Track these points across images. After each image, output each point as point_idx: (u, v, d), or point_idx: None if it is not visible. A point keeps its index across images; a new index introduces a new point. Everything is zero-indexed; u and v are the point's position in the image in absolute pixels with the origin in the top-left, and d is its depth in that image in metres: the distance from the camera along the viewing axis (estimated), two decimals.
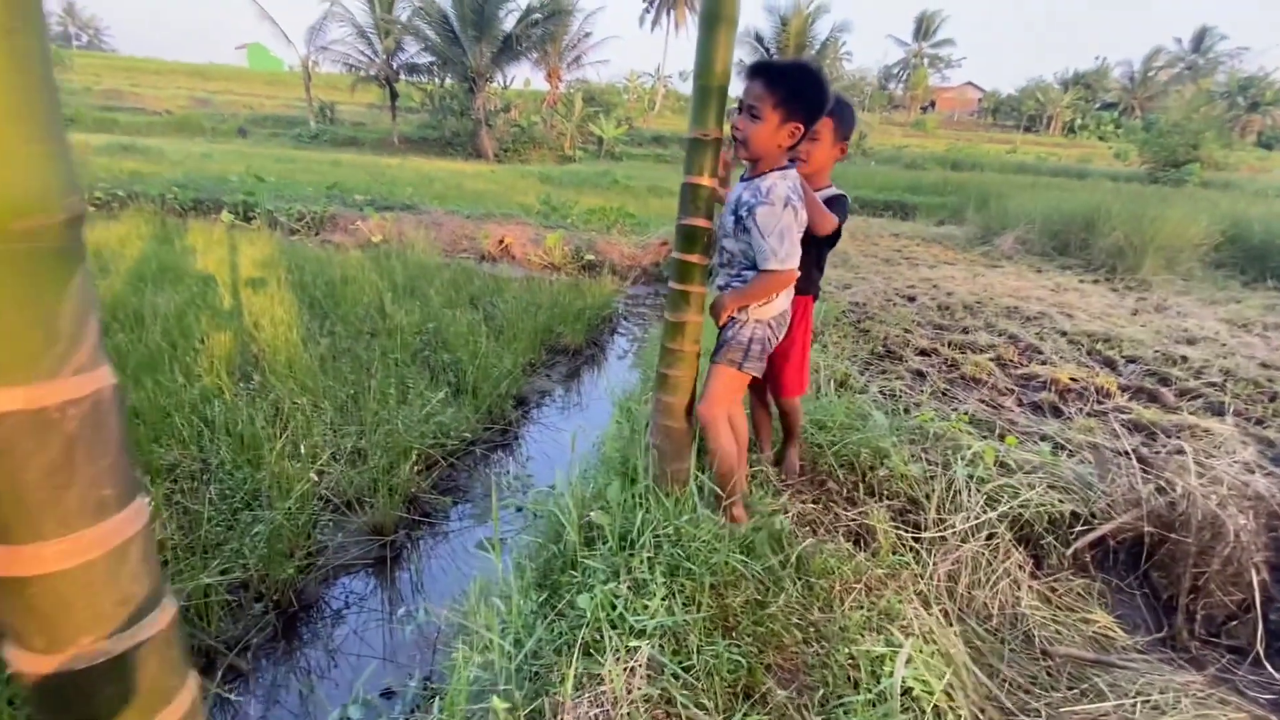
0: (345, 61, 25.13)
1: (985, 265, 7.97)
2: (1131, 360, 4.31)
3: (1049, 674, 1.71)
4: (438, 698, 1.33)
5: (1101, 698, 1.58)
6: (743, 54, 25.80)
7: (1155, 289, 6.95)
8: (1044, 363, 4.10)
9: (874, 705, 1.33)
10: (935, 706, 1.43)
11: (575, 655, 1.28)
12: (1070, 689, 1.63)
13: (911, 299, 5.73)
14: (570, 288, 5.88)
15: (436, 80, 26.00)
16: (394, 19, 24.32)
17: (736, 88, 1.83)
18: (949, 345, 4.35)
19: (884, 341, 4.33)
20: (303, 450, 2.71)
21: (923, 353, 4.21)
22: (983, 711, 1.53)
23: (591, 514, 1.81)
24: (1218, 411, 3.45)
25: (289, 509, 2.38)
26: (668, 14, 45.50)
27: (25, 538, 0.40)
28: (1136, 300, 6.35)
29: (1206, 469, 2.24)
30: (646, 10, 46.25)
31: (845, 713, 1.31)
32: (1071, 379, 3.79)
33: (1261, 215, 9.60)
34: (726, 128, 1.80)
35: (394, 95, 26.35)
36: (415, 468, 2.91)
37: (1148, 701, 1.55)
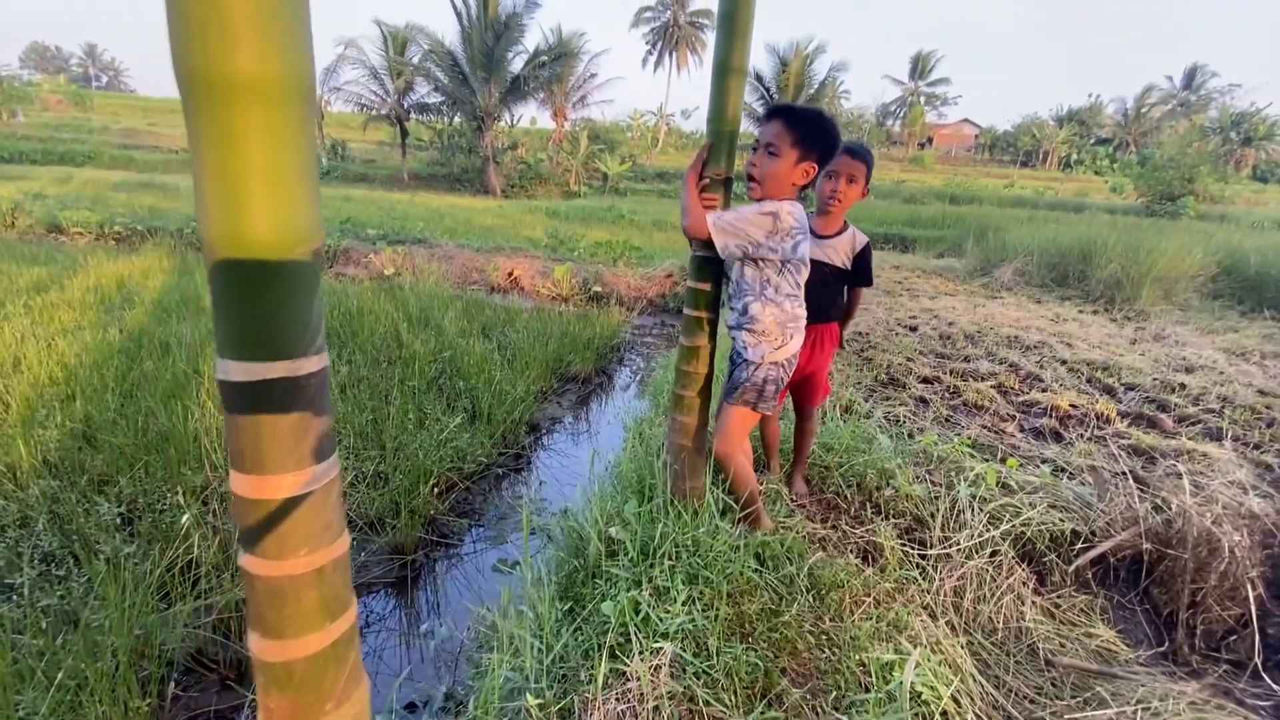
0: (358, 101, 25.89)
1: (985, 296, 8.10)
2: (1131, 388, 4.39)
3: (1053, 684, 1.77)
4: (471, 698, 1.40)
5: (1104, 705, 1.64)
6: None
7: (1153, 319, 7.06)
8: (1044, 390, 4.19)
9: (883, 706, 1.40)
10: (944, 711, 1.50)
11: (602, 656, 1.36)
12: (1074, 698, 1.69)
13: (913, 329, 5.84)
14: (579, 318, 6.02)
15: (446, 119, 26.74)
16: (406, 61, 25.13)
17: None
18: (951, 373, 4.45)
19: (887, 370, 4.43)
20: None
21: (925, 380, 4.30)
22: (989, 719, 1.59)
23: (612, 530, 1.89)
24: (1216, 437, 3.53)
25: None
26: (670, 56, 46.93)
27: (274, 470, 0.54)
28: (1135, 330, 6.46)
29: (1202, 489, 2.32)
30: (649, 53, 47.73)
31: (857, 713, 1.38)
32: (1072, 405, 3.88)
33: (1257, 247, 9.77)
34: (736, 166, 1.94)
35: (404, 133, 27.08)
36: (434, 490, 3.00)
37: (1148, 709, 1.61)
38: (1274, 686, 1.84)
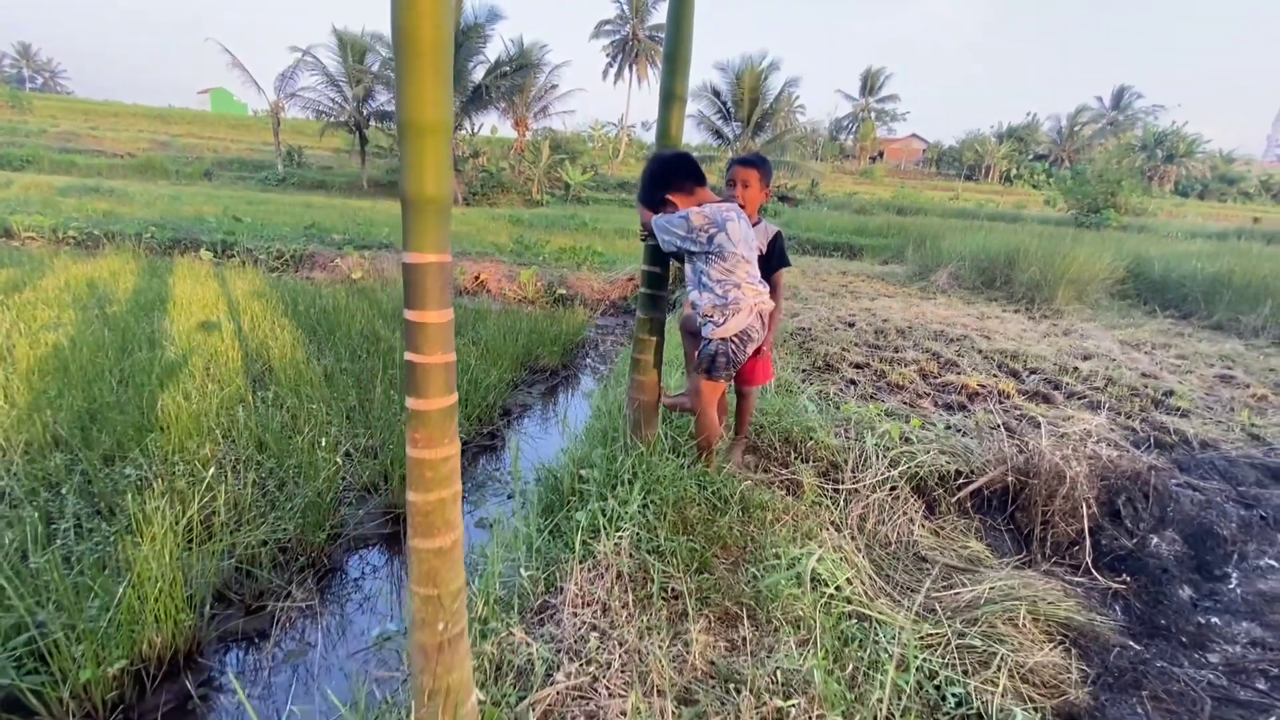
0: (315, 108, 25.70)
1: (920, 297, 8.79)
2: (1033, 371, 5.02)
3: (930, 578, 2.25)
4: (475, 579, 1.78)
5: (964, 587, 2.13)
6: (701, 106, 27.30)
7: (1066, 316, 7.84)
8: (959, 373, 4.77)
9: (787, 574, 1.85)
10: (837, 587, 1.96)
11: (578, 540, 1.76)
12: (943, 585, 2.18)
13: (851, 324, 6.42)
14: (546, 317, 6.40)
15: None
16: (365, 69, 25.11)
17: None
18: (880, 360, 5.00)
19: (824, 357, 4.95)
20: (324, 443, 3.14)
21: (856, 366, 4.84)
22: (875, 598, 2.06)
23: (582, 470, 2.31)
24: (1096, 408, 4.14)
25: (318, 489, 2.81)
26: (630, 69, 47.68)
27: (430, 308, 0.97)
28: (1049, 325, 7.19)
29: (1057, 434, 2.87)
30: (610, 65, 48.41)
31: (767, 575, 1.83)
32: (980, 385, 4.46)
33: (1162, 254, 10.80)
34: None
35: (364, 140, 26.95)
36: None
37: (995, 588, 2.10)
38: (1099, 578, 2.37)
